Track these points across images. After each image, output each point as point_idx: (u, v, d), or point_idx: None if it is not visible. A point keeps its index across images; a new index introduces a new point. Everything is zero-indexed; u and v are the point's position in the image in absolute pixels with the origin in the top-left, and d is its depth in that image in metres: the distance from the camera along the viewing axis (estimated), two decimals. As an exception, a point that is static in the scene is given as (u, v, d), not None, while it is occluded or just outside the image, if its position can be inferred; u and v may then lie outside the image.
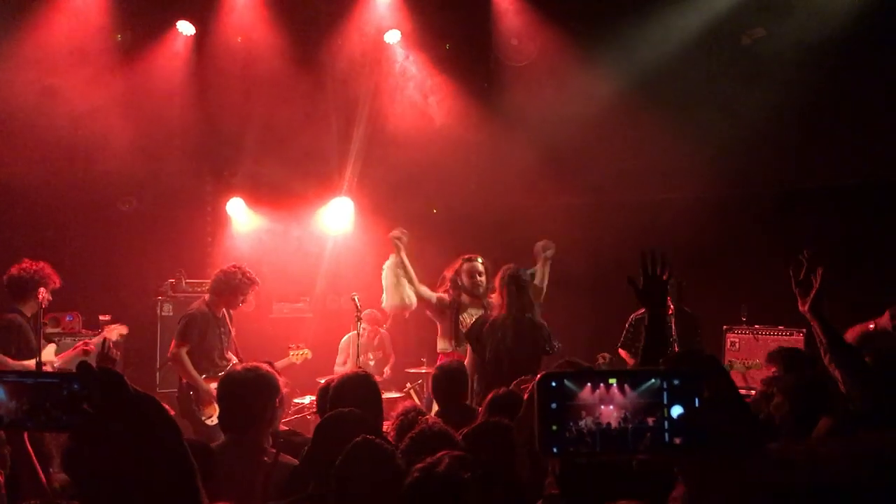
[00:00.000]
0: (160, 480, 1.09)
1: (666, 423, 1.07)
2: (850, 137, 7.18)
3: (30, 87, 7.59)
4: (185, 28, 8.34)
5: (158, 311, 7.66)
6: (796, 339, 6.61)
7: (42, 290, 5.58)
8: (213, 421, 6.04)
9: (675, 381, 1.08)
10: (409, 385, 7.26)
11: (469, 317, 5.99)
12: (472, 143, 9.13)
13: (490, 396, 3.60)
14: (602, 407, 1.07)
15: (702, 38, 7.63)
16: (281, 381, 3.17)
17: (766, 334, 6.78)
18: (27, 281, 5.65)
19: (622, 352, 6.58)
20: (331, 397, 3.28)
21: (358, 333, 6.33)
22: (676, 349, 5.78)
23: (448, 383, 4.30)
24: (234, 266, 6.34)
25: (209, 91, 8.51)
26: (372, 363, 7.36)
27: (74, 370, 1.15)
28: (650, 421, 1.07)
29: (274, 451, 3.00)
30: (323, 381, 3.88)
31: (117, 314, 7.51)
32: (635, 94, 7.80)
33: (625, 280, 6.68)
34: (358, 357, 6.22)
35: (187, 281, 7.81)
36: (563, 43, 8.19)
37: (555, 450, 1.07)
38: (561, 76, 8.22)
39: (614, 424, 1.06)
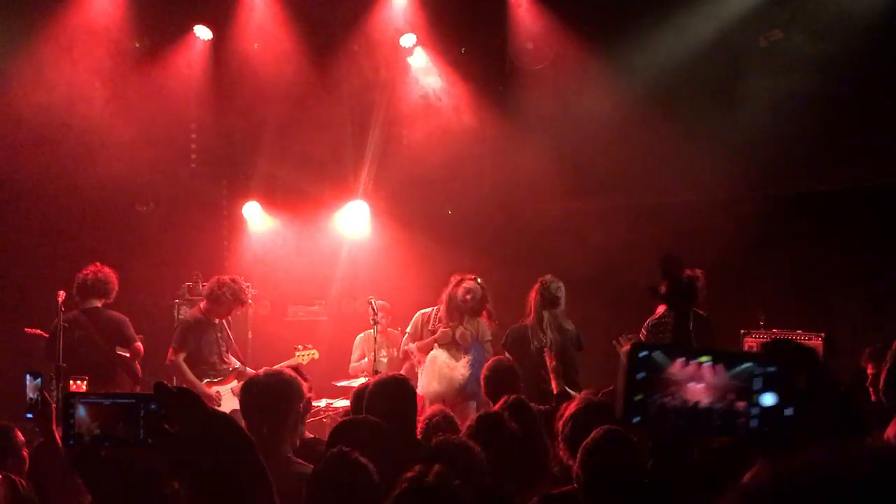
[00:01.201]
0: (240, 497, 1.10)
1: (755, 410, 1.04)
2: (870, 139, 7.13)
3: (49, 90, 7.66)
4: (203, 33, 8.39)
5: (175, 314, 7.69)
6: (815, 344, 6.55)
7: (62, 292, 5.68)
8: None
9: (771, 369, 1.05)
10: None
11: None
12: (487, 146, 9.14)
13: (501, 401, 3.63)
14: (690, 384, 1.04)
15: (718, 40, 7.59)
16: (305, 386, 3.16)
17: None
18: (103, 282, 6.15)
19: None
20: (366, 402, 3.28)
21: (375, 337, 6.33)
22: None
23: (498, 383, 4.35)
24: (232, 279, 6.46)
25: (226, 94, 8.56)
26: (385, 360, 7.34)
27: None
28: (739, 405, 1.04)
29: (294, 458, 2.99)
30: (357, 385, 3.89)
31: (134, 317, 7.56)
32: (651, 97, 7.78)
33: (639, 283, 6.63)
34: (375, 359, 6.24)
35: (203, 284, 7.84)
36: (579, 46, 8.18)
37: (636, 419, 1.04)
38: (576, 79, 8.21)
39: (701, 403, 1.04)
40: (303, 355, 6.68)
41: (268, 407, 2.98)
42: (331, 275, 9.11)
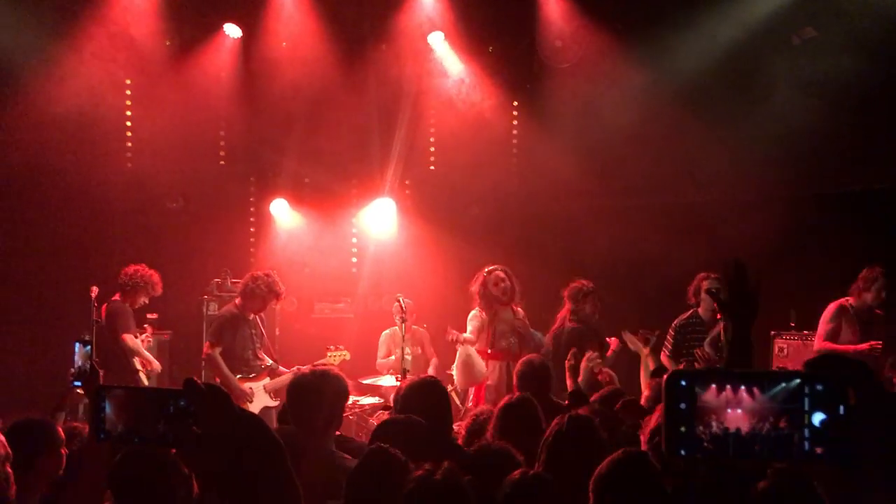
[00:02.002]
0: (264, 500, 1.10)
1: (806, 431, 1.00)
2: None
3: (79, 88, 7.75)
4: (232, 31, 8.44)
5: (204, 311, 7.78)
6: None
7: (95, 288, 5.79)
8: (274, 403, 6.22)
9: (819, 387, 1.01)
10: (450, 387, 7.24)
11: (501, 322, 6.41)
12: (514, 144, 9.13)
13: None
14: (730, 410, 1.01)
15: (748, 38, 7.50)
16: (350, 384, 3.19)
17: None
18: (139, 282, 6.41)
19: (666, 361, 6.42)
20: (400, 405, 3.29)
21: (403, 336, 6.34)
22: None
23: (533, 379, 4.36)
24: (265, 273, 6.54)
25: (254, 92, 8.61)
26: (409, 357, 7.34)
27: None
28: (784, 426, 1.01)
29: (338, 452, 3.03)
30: (382, 383, 3.87)
31: (164, 313, 7.66)
32: (680, 95, 7.72)
33: (667, 283, 6.59)
34: (403, 356, 6.25)
35: (232, 281, 7.92)
36: (608, 45, 8.12)
37: (682, 451, 1.02)
38: (605, 78, 8.15)
39: (745, 429, 1.00)
40: (334, 356, 6.72)
41: (315, 403, 3.02)
42: (357, 272, 9.15)
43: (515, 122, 9.18)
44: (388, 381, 6.88)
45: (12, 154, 7.50)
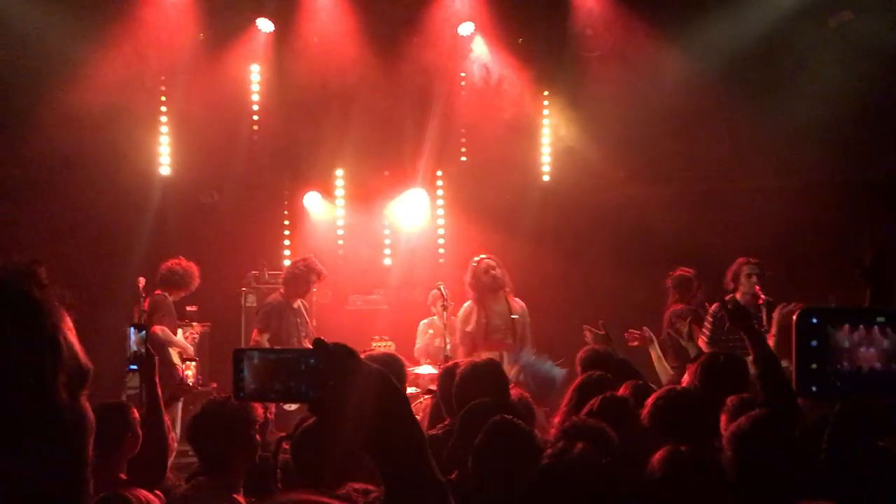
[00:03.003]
0: (396, 452, 1.14)
1: None
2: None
3: (113, 82, 7.82)
4: (265, 25, 8.50)
5: (243, 303, 7.86)
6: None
7: (141, 279, 5.90)
8: (293, 407, 6.25)
9: None
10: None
11: (495, 314, 6.38)
12: (548, 133, 9.12)
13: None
14: (863, 348, 1.03)
15: (786, 22, 7.43)
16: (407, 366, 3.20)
17: (857, 324, 6.58)
18: (180, 275, 6.55)
19: (704, 347, 6.38)
20: (456, 388, 3.25)
21: (444, 324, 6.38)
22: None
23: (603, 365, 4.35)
24: (301, 258, 6.82)
25: (286, 85, 8.67)
26: (448, 346, 7.38)
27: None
28: None
29: None
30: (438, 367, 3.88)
31: (203, 306, 7.75)
32: (716, 82, 7.67)
33: (704, 269, 6.53)
34: (445, 344, 6.29)
35: (270, 273, 8.00)
36: (640, 32, 8.08)
37: (814, 388, 1.03)
38: (637, 66, 8.11)
39: (879, 367, 1.02)
40: (379, 346, 6.79)
41: None
42: (390, 263, 9.19)
43: (546, 112, 9.17)
44: (425, 369, 6.92)
45: (49, 150, 7.59)
